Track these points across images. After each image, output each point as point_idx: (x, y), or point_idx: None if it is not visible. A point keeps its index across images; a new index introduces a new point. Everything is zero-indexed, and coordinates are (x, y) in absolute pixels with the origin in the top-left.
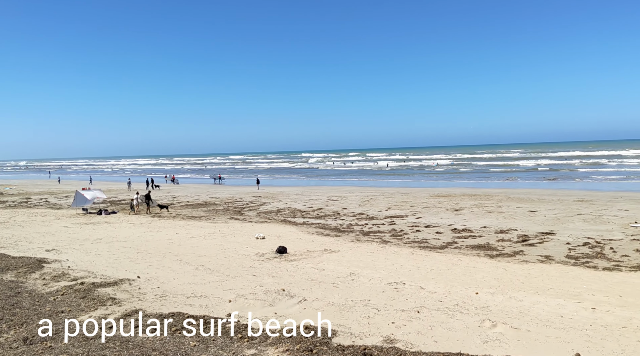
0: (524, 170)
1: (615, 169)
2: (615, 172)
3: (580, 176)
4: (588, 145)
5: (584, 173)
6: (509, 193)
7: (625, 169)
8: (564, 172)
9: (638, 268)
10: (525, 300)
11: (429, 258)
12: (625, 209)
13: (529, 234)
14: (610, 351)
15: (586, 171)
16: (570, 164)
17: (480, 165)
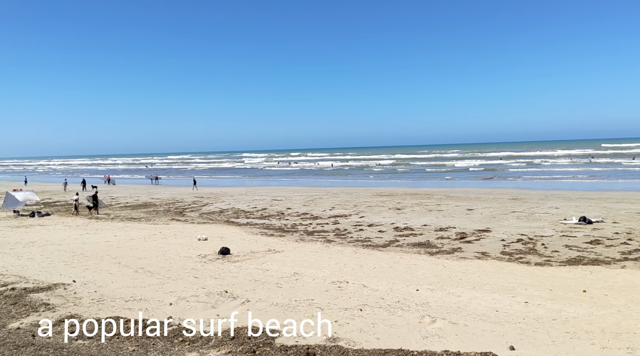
0: (458, 170)
1: (548, 168)
2: (546, 172)
3: (515, 175)
4: (532, 145)
5: (520, 173)
6: (448, 192)
7: (556, 168)
8: (499, 172)
9: (567, 263)
10: (463, 296)
11: (371, 256)
12: (556, 207)
13: (467, 231)
14: (542, 342)
15: (523, 170)
16: (503, 164)
17: (418, 165)
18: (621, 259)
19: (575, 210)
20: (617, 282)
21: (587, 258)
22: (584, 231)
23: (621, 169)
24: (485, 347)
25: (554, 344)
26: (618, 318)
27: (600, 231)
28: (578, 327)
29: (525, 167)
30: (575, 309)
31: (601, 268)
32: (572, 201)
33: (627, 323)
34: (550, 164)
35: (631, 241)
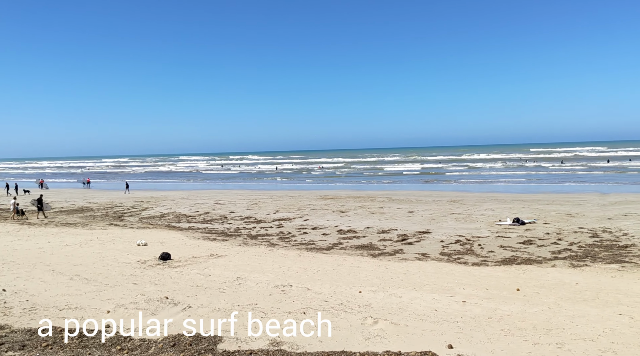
0: (391, 173)
1: (486, 172)
2: (482, 175)
3: (451, 178)
4: (470, 148)
5: (456, 176)
6: (390, 195)
7: (493, 172)
8: (434, 176)
9: (502, 263)
10: (404, 296)
11: (315, 259)
12: (491, 209)
13: (408, 233)
14: (478, 340)
15: (458, 174)
16: (442, 168)
17: (360, 168)
18: (552, 259)
19: (510, 212)
20: (548, 280)
21: (520, 257)
22: (517, 231)
23: (549, 173)
24: (425, 346)
25: (490, 341)
26: (549, 314)
27: (532, 232)
28: (512, 324)
29: (461, 171)
30: (510, 307)
31: (533, 267)
32: (507, 203)
33: (556, 319)
34: (489, 168)
35: (561, 241)
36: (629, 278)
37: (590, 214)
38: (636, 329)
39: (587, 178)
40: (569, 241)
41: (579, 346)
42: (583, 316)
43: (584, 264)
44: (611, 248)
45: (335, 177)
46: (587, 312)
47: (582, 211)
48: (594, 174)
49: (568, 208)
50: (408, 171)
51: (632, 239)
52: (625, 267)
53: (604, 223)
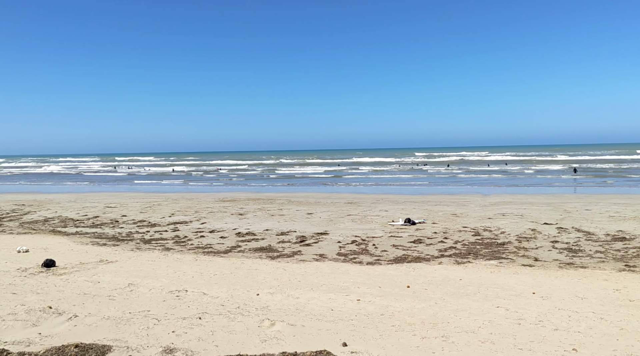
0: (287, 176)
1: (380, 175)
2: (375, 179)
3: (347, 181)
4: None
5: (352, 179)
6: (290, 196)
7: (383, 176)
8: (336, 179)
9: (394, 261)
10: (302, 297)
11: (212, 263)
12: (385, 210)
13: (307, 234)
14: (371, 337)
15: (352, 177)
16: (343, 170)
17: (260, 170)
18: (439, 256)
19: (402, 212)
20: (435, 277)
21: (411, 256)
22: (408, 231)
23: (437, 176)
24: (321, 345)
25: (382, 337)
26: (435, 309)
27: (422, 231)
28: (402, 320)
29: (358, 174)
30: (400, 304)
31: (422, 264)
32: (399, 204)
33: (442, 313)
34: (387, 170)
35: (447, 239)
36: (505, 272)
37: (473, 214)
38: (511, 320)
39: (471, 180)
40: (454, 239)
41: (461, 338)
42: (466, 310)
43: (467, 261)
44: (491, 246)
45: (236, 179)
46: (470, 306)
47: (466, 211)
48: (476, 177)
49: (454, 208)
50: (301, 174)
51: (509, 237)
52: (502, 263)
53: (484, 222)
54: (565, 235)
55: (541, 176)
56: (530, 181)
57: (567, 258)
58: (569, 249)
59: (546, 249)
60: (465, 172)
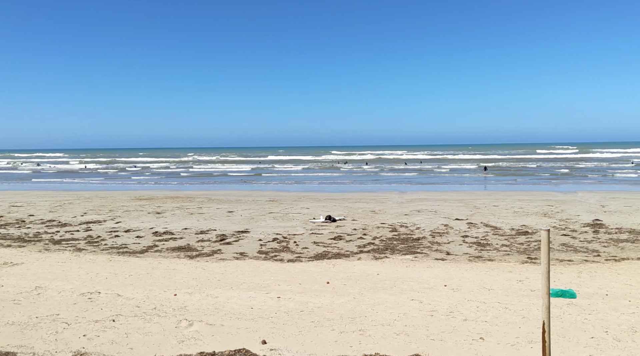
0: (204, 174)
1: (303, 173)
2: (297, 177)
3: (269, 179)
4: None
5: (273, 177)
6: (210, 194)
7: (305, 174)
8: (257, 177)
9: (315, 258)
10: (221, 296)
11: (128, 263)
12: (307, 207)
13: (227, 233)
14: (290, 333)
15: (269, 175)
16: (267, 168)
17: (182, 168)
18: (358, 252)
19: (323, 210)
20: (354, 272)
21: (331, 252)
22: (329, 228)
23: (357, 174)
24: (240, 344)
25: (301, 333)
26: (353, 304)
27: (342, 228)
28: (321, 316)
29: (281, 172)
30: (320, 300)
31: (342, 260)
32: (321, 201)
33: (360, 308)
34: (305, 168)
35: (366, 235)
36: (420, 267)
37: (390, 211)
38: (424, 312)
39: (389, 178)
40: (373, 235)
41: (378, 331)
42: (382, 304)
43: (384, 256)
44: (407, 241)
45: (152, 177)
46: (386, 300)
47: (384, 208)
48: (394, 175)
49: (372, 205)
50: (220, 172)
51: (424, 232)
52: (417, 257)
53: (401, 218)
54: (475, 230)
55: (455, 175)
56: (444, 179)
57: (476, 252)
58: (478, 243)
59: (457, 244)
60: (383, 171)
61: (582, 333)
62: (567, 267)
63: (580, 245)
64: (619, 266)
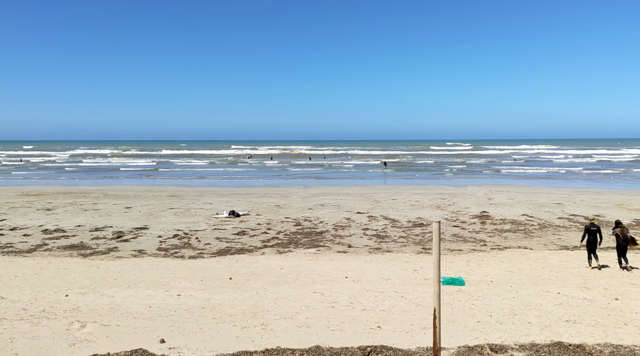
0: (96, 169)
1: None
2: (200, 172)
3: (176, 174)
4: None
5: (174, 172)
6: (106, 190)
7: (206, 169)
8: (154, 172)
9: (217, 254)
10: (117, 296)
11: (13, 264)
12: (210, 203)
13: (124, 230)
14: (190, 331)
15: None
16: (170, 163)
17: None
18: (262, 247)
19: (226, 205)
20: (258, 267)
21: (234, 247)
22: (232, 223)
23: (263, 169)
24: (136, 344)
25: (202, 331)
26: (256, 299)
27: (246, 223)
28: (223, 312)
29: (184, 166)
30: (222, 296)
31: (245, 256)
32: (224, 196)
33: (263, 302)
34: (218, 163)
35: (270, 230)
36: (322, 259)
37: (295, 205)
38: (326, 304)
39: (294, 173)
40: (277, 230)
41: (280, 324)
42: (285, 297)
43: (288, 250)
44: (310, 234)
45: (42, 171)
46: (289, 293)
47: (288, 202)
48: (300, 170)
49: (277, 200)
50: (114, 167)
51: (327, 226)
52: (320, 250)
53: (305, 212)
54: (375, 223)
55: (357, 170)
56: (346, 174)
57: (375, 244)
58: (378, 235)
59: (358, 237)
60: (288, 165)
61: (469, 318)
62: (457, 256)
63: (469, 236)
64: (502, 255)
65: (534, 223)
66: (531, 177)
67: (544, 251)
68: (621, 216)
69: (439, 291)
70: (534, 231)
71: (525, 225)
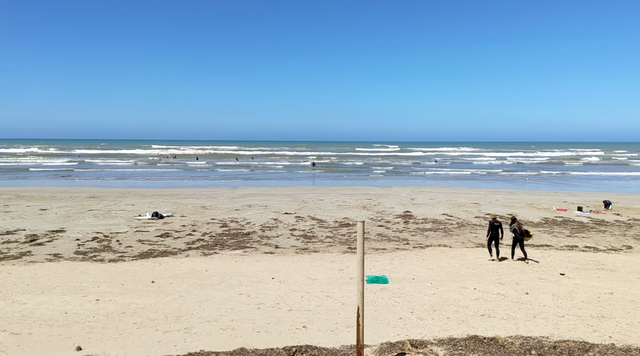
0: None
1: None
2: (122, 172)
3: (95, 175)
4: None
5: (102, 172)
6: (19, 191)
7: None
8: (70, 172)
9: (139, 257)
10: (30, 302)
11: None
12: (132, 204)
13: (39, 233)
14: (110, 337)
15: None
16: (88, 163)
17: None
18: (186, 249)
19: (150, 206)
20: (182, 270)
21: (157, 250)
22: (156, 225)
23: (189, 170)
24: (50, 353)
25: (122, 336)
26: (180, 302)
27: (170, 225)
28: (145, 316)
29: (105, 166)
30: (144, 300)
31: (169, 258)
32: (147, 197)
33: (187, 306)
34: (142, 164)
35: (195, 232)
36: (249, 261)
37: (221, 206)
38: (251, 305)
39: (221, 174)
40: (203, 231)
41: (204, 328)
42: (209, 300)
43: (214, 252)
44: (237, 236)
45: None
46: (214, 296)
47: (215, 203)
48: (227, 171)
49: (203, 201)
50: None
51: (254, 227)
52: (247, 252)
53: (232, 213)
54: (302, 223)
55: (286, 171)
56: (275, 175)
57: (302, 244)
58: (305, 236)
59: (286, 237)
60: (214, 166)
61: (392, 315)
62: (381, 255)
63: (393, 235)
64: (423, 253)
65: (453, 222)
66: (452, 178)
67: (462, 248)
68: (531, 214)
69: (363, 290)
70: (453, 229)
71: (445, 224)
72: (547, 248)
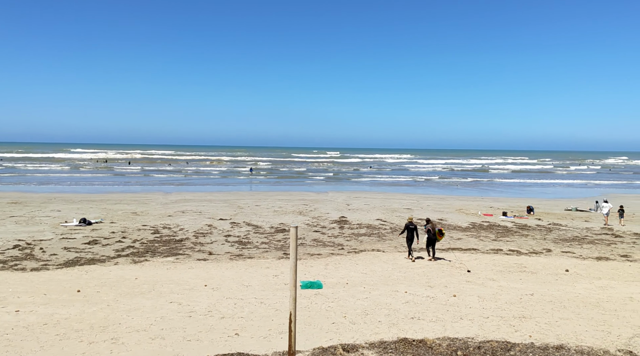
0: None
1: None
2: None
3: (21, 180)
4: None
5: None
6: None
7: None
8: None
9: (64, 265)
10: None
11: None
12: (58, 210)
13: None
14: (29, 350)
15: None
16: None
17: None
18: (115, 257)
19: (77, 212)
20: (110, 278)
21: (84, 258)
22: (83, 232)
23: (119, 175)
24: None
25: (42, 349)
26: (107, 312)
27: (98, 232)
28: (69, 327)
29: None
30: (68, 310)
31: (97, 266)
32: (75, 203)
33: (114, 315)
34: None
35: (125, 239)
36: (181, 268)
37: (154, 212)
38: (183, 314)
39: (154, 179)
40: (133, 238)
41: (132, 338)
42: (139, 309)
43: (144, 259)
44: (169, 243)
45: None
46: (143, 304)
47: (147, 209)
48: (158, 176)
49: (134, 207)
50: None
51: (187, 233)
52: (179, 259)
53: (164, 219)
54: (238, 229)
55: (222, 176)
56: (210, 180)
57: (237, 250)
58: (240, 242)
59: (220, 243)
60: (147, 171)
61: (325, 320)
62: (316, 260)
63: (328, 240)
64: (357, 258)
65: (386, 227)
66: (388, 184)
67: (394, 253)
68: (460, 219)
69: (295, 295)
70: (387, 234)
71: (379, 229)
72: (474, 252)
